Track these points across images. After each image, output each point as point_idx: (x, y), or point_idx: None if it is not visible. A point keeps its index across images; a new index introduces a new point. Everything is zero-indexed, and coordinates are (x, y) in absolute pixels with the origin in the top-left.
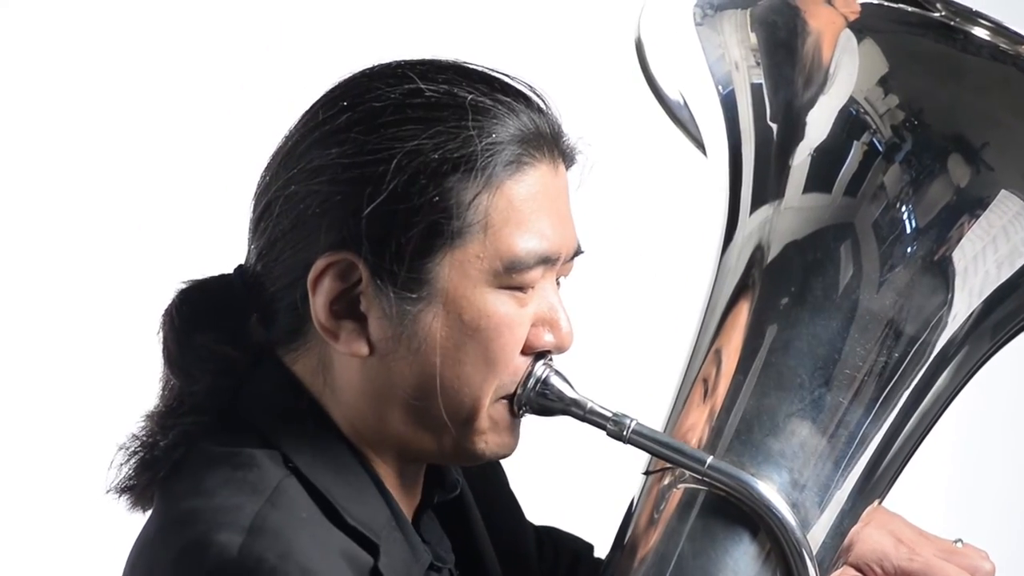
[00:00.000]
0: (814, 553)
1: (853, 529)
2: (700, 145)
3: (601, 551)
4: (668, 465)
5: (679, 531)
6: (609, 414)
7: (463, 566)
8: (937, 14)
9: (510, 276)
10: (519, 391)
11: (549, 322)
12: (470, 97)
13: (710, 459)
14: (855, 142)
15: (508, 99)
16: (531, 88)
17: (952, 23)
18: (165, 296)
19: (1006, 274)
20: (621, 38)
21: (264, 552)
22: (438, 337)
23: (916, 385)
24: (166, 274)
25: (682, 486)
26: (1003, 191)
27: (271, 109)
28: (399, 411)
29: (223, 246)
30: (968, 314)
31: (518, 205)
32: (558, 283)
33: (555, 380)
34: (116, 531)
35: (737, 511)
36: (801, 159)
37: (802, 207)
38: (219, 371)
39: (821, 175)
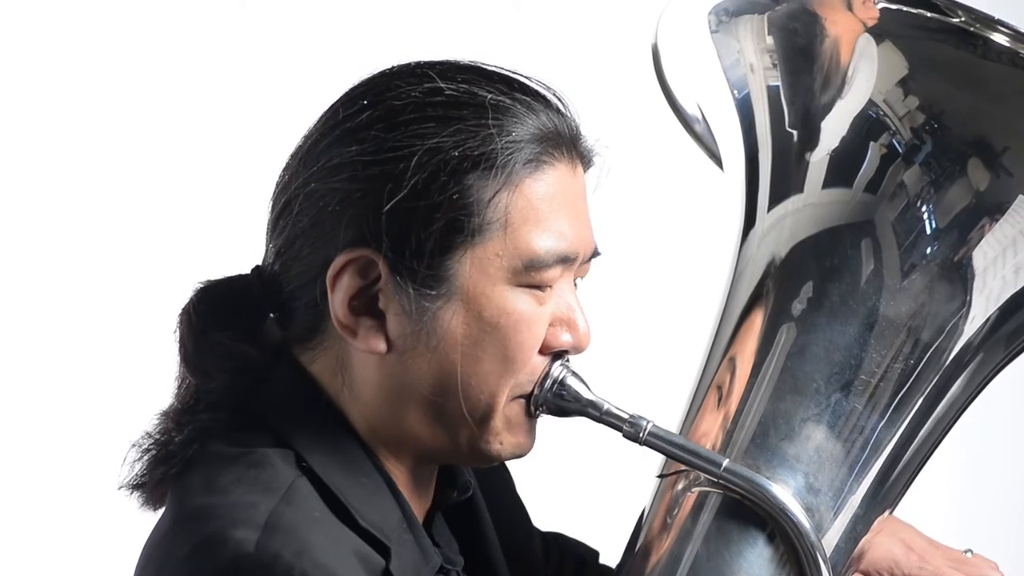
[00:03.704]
0: (828, 557)
1: (864, 538)
2: (716, 159)
3: (611, 555)
4: (683, 468)
5: (693, 533)
6: (626, 416)
7: (470, 568)
8: (956, 20)
9: (529, 274)
10: (536, 391)
11: (567, 322)
12: (490, 96)
13: (726, 462)
14: (874, 143)
15: (527, 99)
16: (550, 89)
17: (971, 29)
18: (180, 296)
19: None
20: (640, 42)
21: (280, 549)
22: (457, 334)
23: (930, 391)
24: (181, 275)
25: (697, 489)
26: (1021, 196)
27: (284, 112)
28: (416, 408)
29: (240, 247)
30: (984, 320)
31: (537, 204)
32: (575, 284)
33: (572, 381)
34: (127, 530)
35: (752, 514)
36: (819, 159)
37: (820, 203)
38: (236, 369)
39: (840, 176)
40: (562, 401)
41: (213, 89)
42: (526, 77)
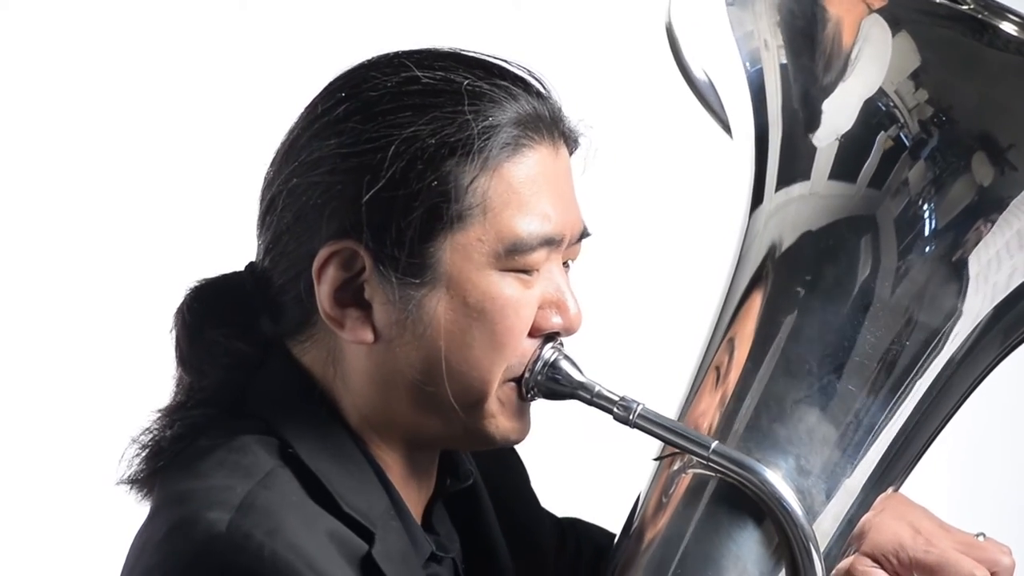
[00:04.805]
0: (819, 538)
1: (865, 517)
2: (726, 126)
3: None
4: (677, 451)
5: (685, 516)
6: (616, 398)
7: (473, 558)
8: (965, 7)
9: (513, 258)
10: (527, 374)
11: (556, 304)
12: (466, 82)
13: (715, 444)
14: (882, 135)
15: (505, 83)
16: (529, 72)
17: (980, 16)
18: (180, 295)
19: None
20: (640, 39)
21: (252, 529)
22: (443, 321)
23: (929, 377)
24: (181, 274)
25: (691, 472)
26: None
27: (284, 112)
28: (408, 397)
29: (239, 246)
30: (987, 309)
31: (517, 187)
32: (567, 266)
33: (563, 363)
34: (124, 525)
35: (743, 497)
36: (827, 146)
37: (827, 194)
38: (230, 366)
39: (846, 164)
40: (554, 384)
41: (213, 89)
42: (506, 62)
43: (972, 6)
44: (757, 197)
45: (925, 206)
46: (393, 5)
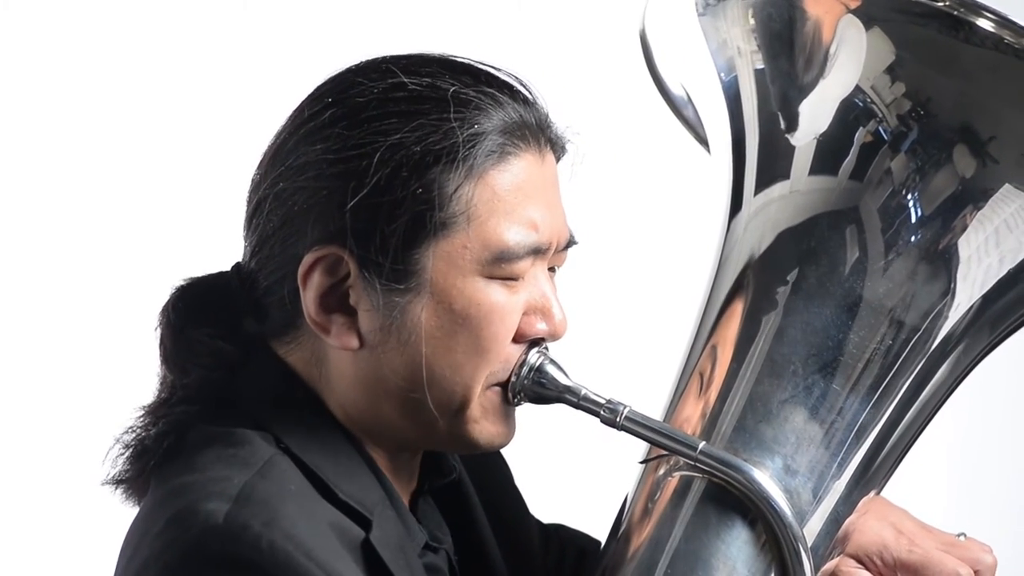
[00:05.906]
0: (807, 536)
1: (849, 519)
2: (704, 142)
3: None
4: (664, 453)
5: (673, 517)
6: (602, 401)
7: (464, 553)
8: (941, 4)
9: (499, 266)
10: (513, 379)
11: (541, 310)
12: (452, 89)
13: (702, 444)
14: (860, 130)
15: (492, 90)
16: (517, 79)
17: (956, 13)
18: (164, 295)
19: (1008, 267)
20: (624, 29)
21: (249, 519)
22: (427, 327)
23: (915, 375)
24: (168, 274)
25: (677, 474)
26: (1007, 185)
27: (285, 112)
28: (393, 402)
29: (226, 246)
30: (969, 306)
31: (503, 195)
32: (553, 272)
33: (549, 368)
34: (113, 525)
35: (730, 497)
36: (805, 145)
37: (807, 190)
38: (212, 365)
39: (826, 160)
40: (540, 388)
41: (214, 89)
42: (494, 68)
43: (948, 3)
44: (736, 203)
45: (908, 196)
46: (395, 6)
